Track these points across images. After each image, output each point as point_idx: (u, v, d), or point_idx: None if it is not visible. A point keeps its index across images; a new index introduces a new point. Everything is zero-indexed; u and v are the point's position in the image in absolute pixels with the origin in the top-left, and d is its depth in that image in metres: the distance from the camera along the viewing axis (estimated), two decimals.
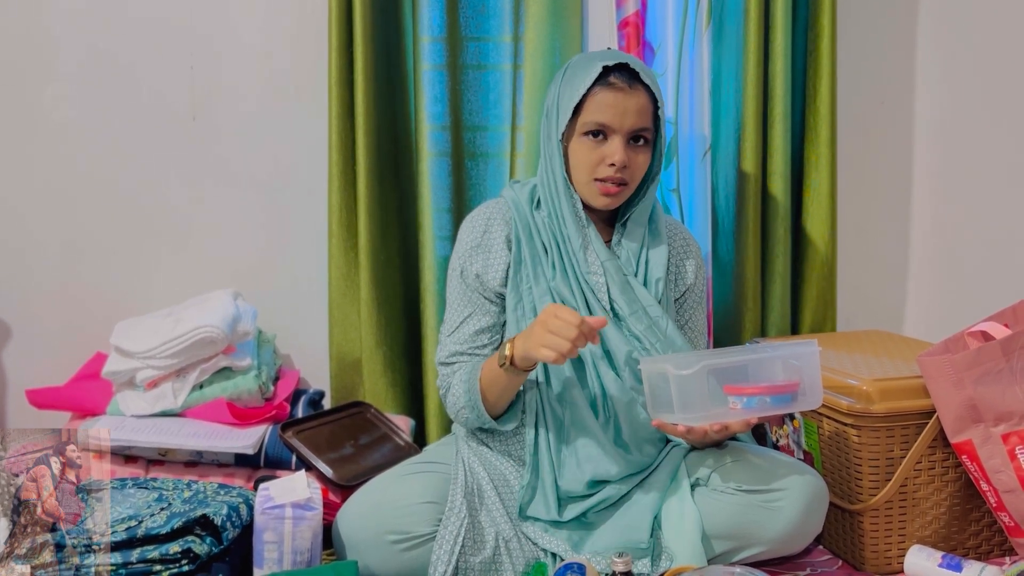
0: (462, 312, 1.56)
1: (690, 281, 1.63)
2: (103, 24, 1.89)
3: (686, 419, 1.40)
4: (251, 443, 1.63)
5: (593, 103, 1.49)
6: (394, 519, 1.41)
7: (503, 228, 1.57)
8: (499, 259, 1.56)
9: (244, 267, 1.98)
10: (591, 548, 1.48)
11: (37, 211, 1.91)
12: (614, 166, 1.49)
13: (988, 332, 1.56)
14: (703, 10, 1.90)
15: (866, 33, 2.11)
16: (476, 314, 1.56)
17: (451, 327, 1.57)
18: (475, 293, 1.56)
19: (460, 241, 1.60)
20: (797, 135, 2.03)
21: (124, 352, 1.72)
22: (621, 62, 1.50)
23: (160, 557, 1.33)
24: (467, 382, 1.50)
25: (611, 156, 1.49)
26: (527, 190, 1.61)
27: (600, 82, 1.49)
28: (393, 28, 1.91)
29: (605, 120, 1.49)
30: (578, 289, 1.54)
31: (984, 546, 1.63)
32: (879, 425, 1.55)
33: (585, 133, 1.50)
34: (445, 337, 1.58)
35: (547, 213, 1.57)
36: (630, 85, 1.49)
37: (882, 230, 2.19)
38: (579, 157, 1.52)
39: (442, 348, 1.58)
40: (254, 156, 1.96)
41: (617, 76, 1.49)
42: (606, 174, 1.50)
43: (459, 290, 1.57)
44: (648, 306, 1.55)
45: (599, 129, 1.50)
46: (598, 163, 1.50)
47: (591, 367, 1.53)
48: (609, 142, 1.50)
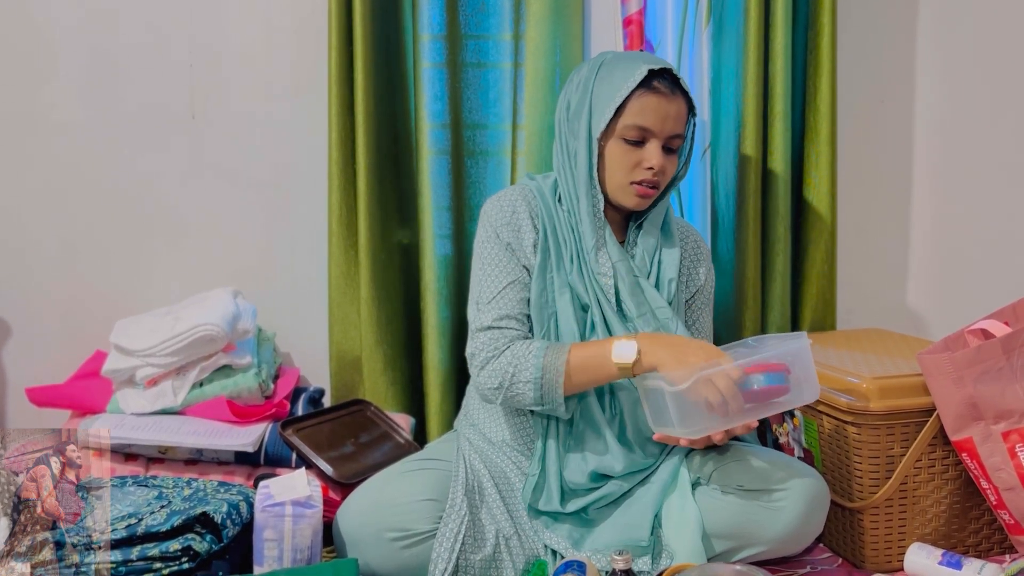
0: (504, 278, 1.52)
1: (700, 282, 1.64)
2: (102, 23, 1.89)
3: (687, 433, 1.39)
4: (251, 441, 1.63)
5: (637, 105, 1.49)
6: (394, 517, 1.41)
7: (528, 213, 1.56)
8: (528, 237, 1.54)
9: (244, 265, 1.98)
10: (591, 546, 1.48)
11: (37, 210, 1.91)
12: (652, 170, 1.50)
13: (988, 330, 1.56)
14: (703, 8, 1.90)
15: (866, 31, 2.11)
16: (518, 283, 1.53)
17: (493, 292, 1.52)
18: (515, 260, 1.53)
19: (489, 214, 1.56)
20: (797, 133, 2.03)
21: (124, 350, 1.72)
22: (665, 67, 1.50)
23: (160, 555, 1.33)
24: (544, 358, 1.44)
25: (649, 160, 1.49)
26: (550, 183, 1.61)
27: (644, 85, 1.49)
28: (393, 26, 1.91)
29: (648, 124, 1.49)
30: (590, 288, 1.54)
31: (984, 544, 1.63)
32: (879, 423, 1.55)
33: (625, 137, 1.50)
34: (486, 303, 1.51)
35: (566, 209, 1.57)
36: (672, 91, 1.50)
37: (882, 228, 2.18)
38: (616, 158, 1.51)
39: (484, 312, 1.51)
40: (254, 154, 1.96)
41: (661, 81, 1.49)
42: (643, 177, 1.50)
43: (497, 254, 1.53)
44: (657, 308, 1.55)
45: (640, 133, 1.49)
46: (635, 166, 1.50)
47: None
48: (648, 146, 1.50)
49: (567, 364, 1.44)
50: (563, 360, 1.44)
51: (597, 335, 1.53)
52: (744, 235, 1.97)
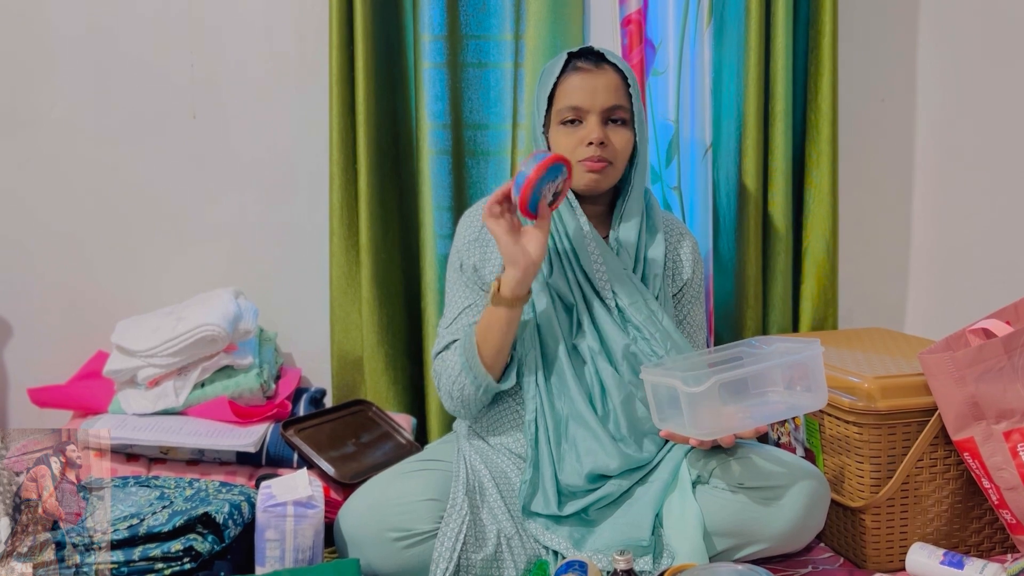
0: (461, 303, 1.58)
1: (687, 276, 1.64)
2: (104, 24, 1.89)
3: (698, 433, 1.40)
4: (253, 441, 1.64)
5: (564, 89, 1.53)
6: (395, 517, 1.41)
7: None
8: (496, 254, 1.57)
9: (245, 265, 1.98)
10: (592, 546, 1.47)
11: (38, 209, 1.91)
12: (592, 144, 1.51)
13: (990, 329, 1.56)
14: (704, 8, 1.90)
15: (867, 31, 2.11)
16: (475, 306, 1.57)
17: (450, 319, 1.59)
18: (474, 285, 1.58)
19: (458, 235, 1.62)
20: (798, 133, 2.03)
21: (126, 351, 1.72)
22: (585, 47, 1.55)
23: (162, 555, 1.33)
24: (462, 346, 1.52)
25: (588, 135, 1.51)
26: None
27: (567, 68, 1.53)
28: (393, 26, 1.91)
29: (576, 102, 1.52)
30: (575, 283, 1.55)
31: (986, 543, 1.63)
32: (881, 423, 1.55)
33: (562, 120, 1.53)
34: (443, 329, 1.59)
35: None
36: (596, 65, 1.53)
37: (883, 228, 2.18)
38: (560, 144, 1.54)
39: (440, 340, 1.59)
40: (255, 154, 1.96)
41: (582, 60, 1.53)
42: (587, 154, 1.52)
43: (458, 282, 1.59)
44: (647, 300, 1.56)
45: (574, 113, 1.52)
46: (577, 145, 1.53)
47: (589, 362, 1.53)
48: (585, 124, 1.52)
49: (475, 334, 1.50)
50: (472, 332, 1.51)
51: (584, 334, 1.54)
52: (745, 234, 1.97)
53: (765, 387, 1.44)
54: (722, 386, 1.37)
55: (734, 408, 1.40)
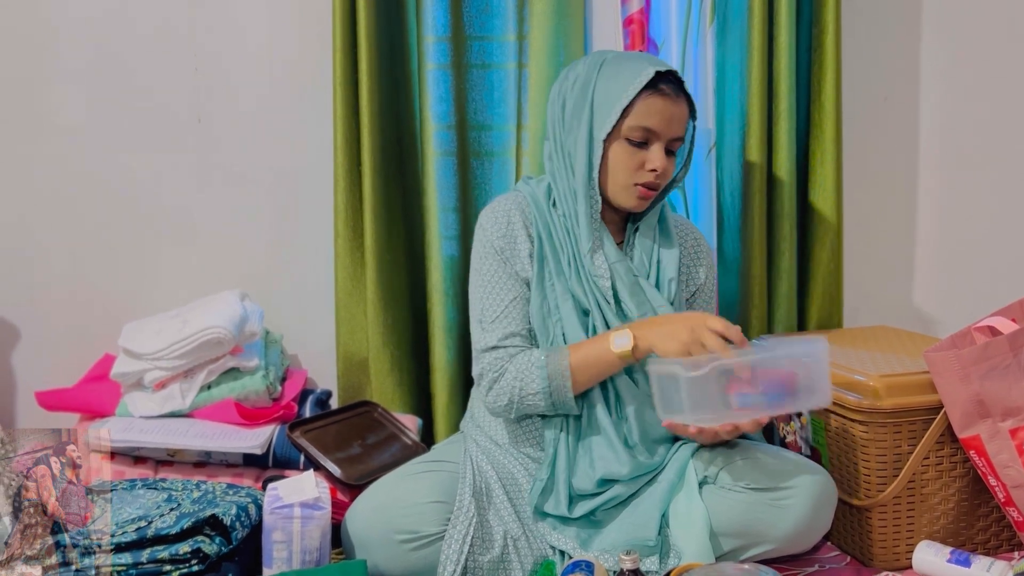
0: (506, 294, 1.54)
1: (701, 281, 1.64)
2: (108, 27, 1.89)
3: (698, 420, 1.40)
4: (259, 443, 1.64)
5: (643, 108, 1.49)
6: (402, 519, 1.41)
7: (523, 222, 1.57)
8: (524, 248, 1.56)
9: (251, 268, 1.98)
10: (599, 546, 1.48)
11: (44, 213, 1.92)
12: (655, 171, 1.50)
13: (995, 327, 1.55)
14: (707, 7, 1.90)
15: (870, 28, 2.11)
16: (520, 298, 1.54)
17: (497, 310, 1.53)
18: (515, 279, 1.55)
19: (486, 231, 1.57)
20: (802, 131, 2.03)
21: (132, 353, 1.73)
22: (670, 69, 1.51)
23: (170, 557, 1.34)
24: (548, 367, 1.46)
25: (653, 162, 1.50)
26: (543, 187, 1.60)
27: (650, 87, 1.49)
28: (397, 28, 1.91)
29: (653, 125, 1.49)
30: (590, 292, 1.54)
31: (993, 541, 1.63)
32: (886, 421, 1.55)
33: (629, 138, 1.50)
34: (490, 322, 1.53)
35: (562, 213, 1.57)
36: (676, 94, 1.51)
37: (888, 225, 2.18)
38: (620, 160, 1.51)
39: (489, 332, 1.52)
40: (259, 157, 1.97)
41: (666, 83, 1.50)
42: (646, 179, 1.51)
43: (499, 273, 1.54)
44: (659, 307, 1.55)
45: (645, 135, 1.50)
46: (639, 167, 1.51)
47: None
48: (652, 148, 1.51)
49: (570, 367, 1.47)
50: (566, 364, 1.47)
51: None
52: (750, 234, 1.97)
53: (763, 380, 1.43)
54: (728, 377, 1.38)
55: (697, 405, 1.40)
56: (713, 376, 1.36)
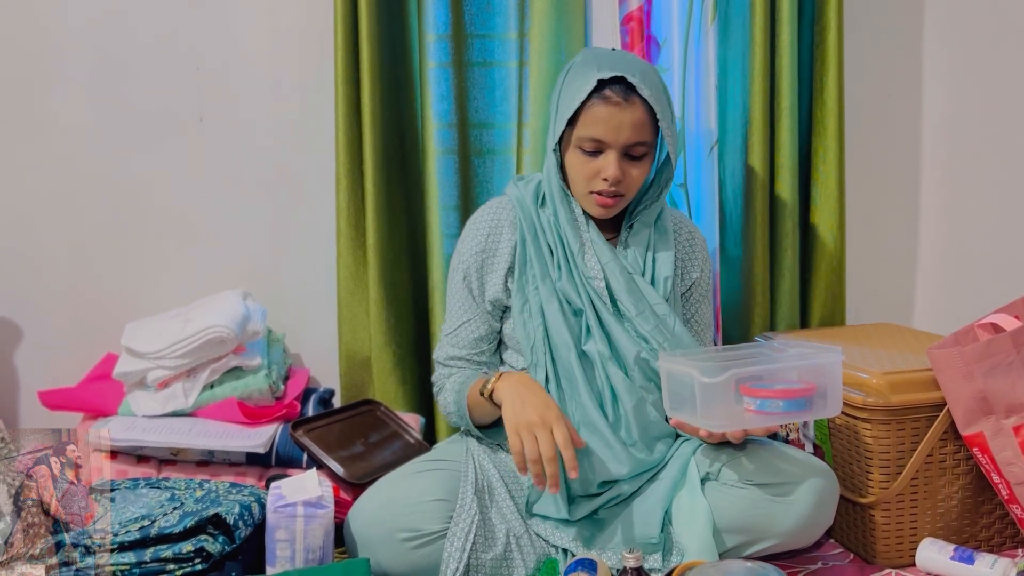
0: (461, 315, 1.59)
1: (696, 275, 1.63)
2: (110, 27, 1.90)
3: (709, 425, 1.40)
4: (262, 442, 1.64)
5: (588, 117, 1.47)
6: (405, 517, 1.41)
7: (508, 231, 1.57)
8: (501, 265, 1.56)
9: (253, 267, 1.99)
10: (601, 544, 1.48)
11: (47, 213, 1.92)
12: (607, 181, 1.48)
13: (998, 324, 1.55)
14: (708, 4, 1.90)
15: (873, 26, 2.11)
16: (474, 321, 1.58)
17: (450, 328, 1.60)
18: (475, 300, 1.58)
19: (464, 243, 1.60)
20: (804, 129, 2.02)
21: (135, 353, 1.73)
22: (617, 74, 1.45)
23: (173, 556, 1.34)
24: (456, 393, 1.55)
25: (604, 171, 1.48)
26: (532, 187, 1.60)
27: (596, 94, 1.46)
28: (398, 26, 1.91)
29: (599, 135, 1.47)
30: (583, 291, 1.54)
31: (996, 538, 1.63)
32: (890, 418, 1.55)
33: (581, 147, 1.49)
34: (444, 336, 1.61)
35: (551, 212, 1.57)
36: (625, 99, 1.46)
37: (891, 223, 2.18)
38: (574, 169, 1.51)
39: (441, 348, 1.61)
40: (261, 156, 1.97)
41: (612, 89, 1.45)
42: (600, 187, 1.50)
43: (461, 293, 1.59)
44: (655, 304, 1.55)
45: (594, 144, 1.48)
46: (592, 176, 1.50)
47: (600, 368, 1.52)
48: (604, 156, 1.48)
49: (468, 399, 1.53)
50: (465, 395, 1.54)
51: (594, 339, 1.53)
52: (752, 231, 1.97)
53: (777, 386, 1.43)
54: (738, 383, 1.38)
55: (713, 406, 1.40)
56: (729, 383, 1.36)
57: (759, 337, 1.90)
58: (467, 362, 1.59)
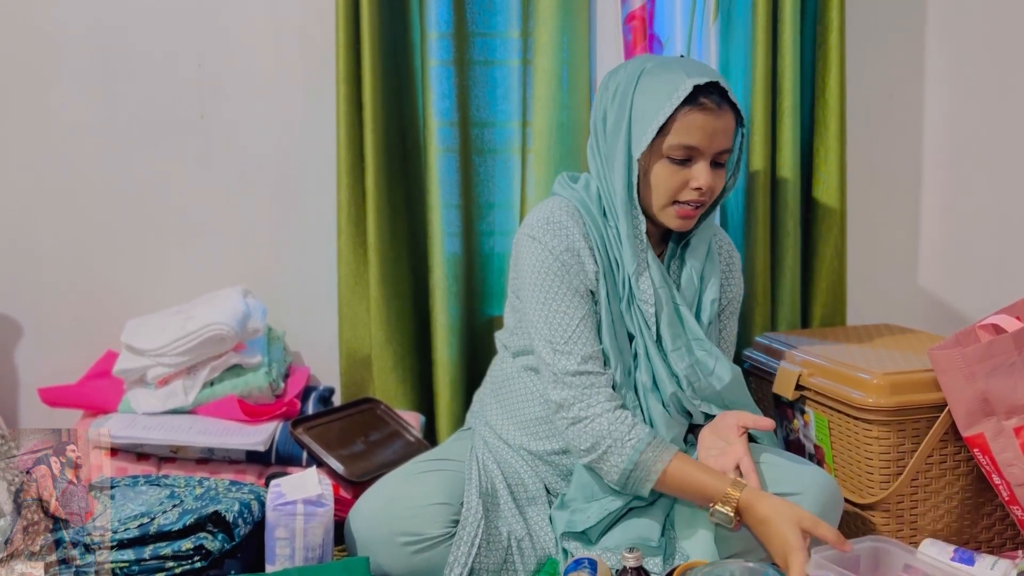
0: (575, 312, 1.44)
1: (732, 294, 1.61)
2: (111, 24, 1.89)
3: None
4: (262, 440, 1.64)
5: (683, 124, 1.40)
6: (405, 521, 1.39)
7: (581, 236, 1.47)
8: (589, 264, 1.47)
9: (253, 264, 1.98)
10: (602, 544, 1.47)
11: (47, 210, 1.92)
12: (699, 190, 1.43)
13: (999, 325, 1.55)
14: (711, 4, 1.90)
15: (875, 26, 2.10)
16: (589, 314, 1.46)
17: (567, 331, 1.44)
18: (582, 296, 1.46)
19: (543, 242, 1.46)
20: (806, 129, 2.02)
21: (135, 350, 1.73)
22: (712, 80, 1.41)
23: (173, 554, 1.34)
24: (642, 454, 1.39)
25: (696, 180, 1.42)
26: (593, 192, 1.51)
27: (690, 102, 1.40)
28: (400, 24, 1.91)
29: (695, 143, 1.40)
30: (636, 316, 1.49)
31: (997, 539, 1.63)
32: (890, 419, 1.55)
33: (671, 156, 1.42)
34: (563, 343, 1.44)
35: (614, 225, 1.49)
36: (719, 106, 1.41)
37: (892, 223, 2.18)
38: (660, 179, 1.44)
39: (565, 355, 1.43)
40: (262, 153, 1.97)
41: (709, 97, 1.40)
42: (689, 197, 1.44)
43: (562, 289, 1.45)
44: (695, 340, 1.50)
45: (687, 152, 1.42)
46: (681, 186, 1.43)
47: (642, 398, 1.50)
48: (695, 165, 1.42)
49: (663, 473, 1.38)
50: (660, 468, 1.39)
51: (640, 370, 1.49)
52: (753, 231, 1.96)
53: None
54: None
55: None
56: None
57: (760, 338, 1.89)
58: (599, 362, 1.45)
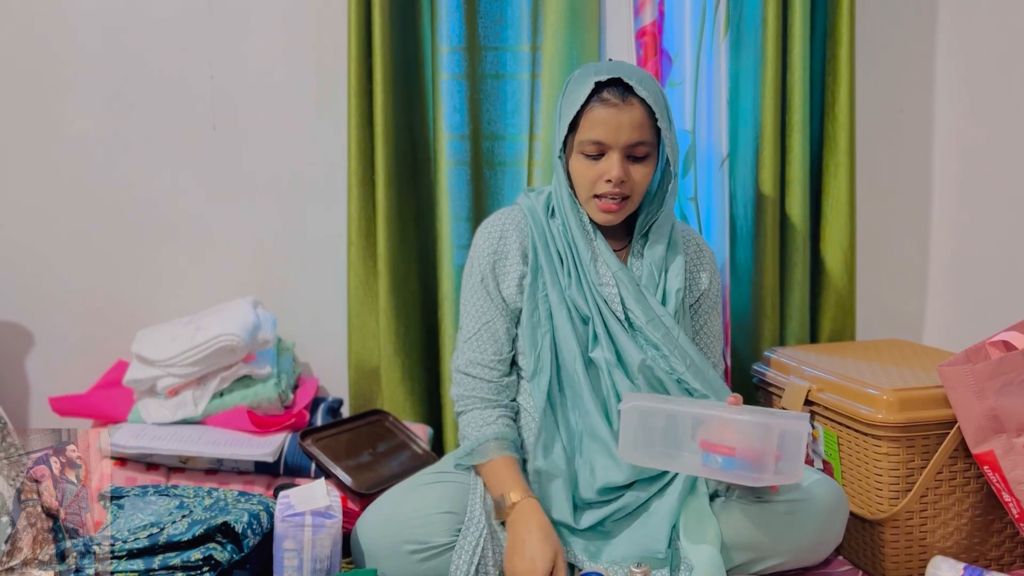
0: (481, 317, 1.56)
1: (704, 287, 1.63)
2: (124, 37, 1.91)
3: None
4: (271, 451, 1.64)
5: (588, 120, 1.48)
6: (412, 529, 1.41)
7: (517, 238, 1.57)
8: (514, 270, 1.56)
9: (264, 275, 1.99)
10: (608, 558, 1.47)
11: (59, 220, 1.93)
12: (611, 182, 1.49)
13: (1010, 342, 1.55)
14: (721, 19, 1.90)
15: (885, 40, 2.11)
16: (495, 321, 1.56)
17: (469, 332, 1.56)
18: (493, 300, 1.56)
19: (477, 247, 1.59)
20: (815, 143, 2.02)
21: (145, 360, 1.74)
22: (614, 76, 1.48)
23: (182, 564, 1.34)
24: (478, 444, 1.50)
25: (608, 172, 1.49)
26: (543, 198, 1.61)
27: (594, 98, 1.48)
28: (412, 38, 1.92)
29: (599, 137, 1.48)
30: (591, 299, 1.54)
31: (1006, 557, 1.62)
32: (899, 435, 1.54)
33: (583, 152, 1.50)
34: (462, 343, 1.57)
35: (560, 222, 1.58)
36: (623, 99, 1.48)
37: (902, 238, 2.17)
38: (578, 174, 1.52)
39: (460, 354, 1.57)
40: (274, 165, 1.98)
41: (610, 91, 1.48)
42: (604, 190, 1.50)
43: (478, 295, 1.57)
44: (662, 316, 1.55)
45: (596, 147, 1.49)
46: (596, 180, 1.50)
47: (606, 375, 1.53)
48: (606, 158, 1.49)
49: (482, 466, 1.49)
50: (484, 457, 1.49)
51: (601, 347, 1.53)
52: (762, 245, 1.96)
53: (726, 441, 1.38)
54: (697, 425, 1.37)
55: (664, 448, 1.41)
56: (689, 421, 1.38)
57: (769, 352, 1.89)
58: (488, 369, 1.54)
